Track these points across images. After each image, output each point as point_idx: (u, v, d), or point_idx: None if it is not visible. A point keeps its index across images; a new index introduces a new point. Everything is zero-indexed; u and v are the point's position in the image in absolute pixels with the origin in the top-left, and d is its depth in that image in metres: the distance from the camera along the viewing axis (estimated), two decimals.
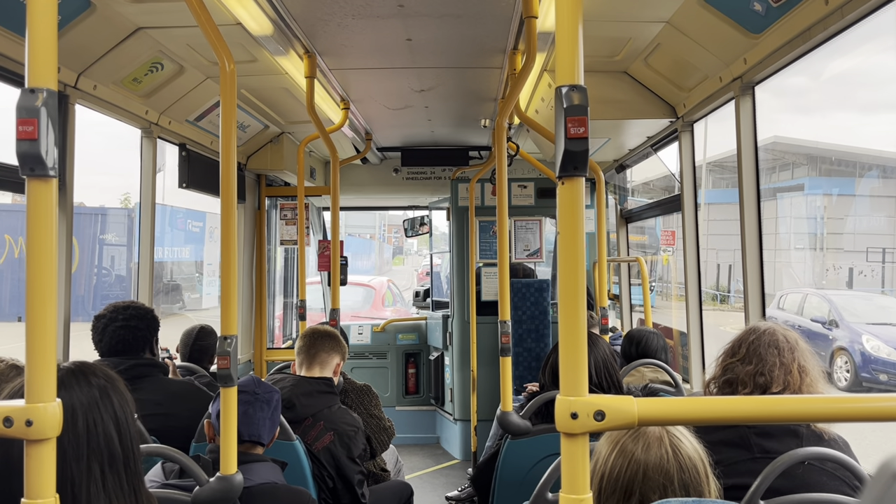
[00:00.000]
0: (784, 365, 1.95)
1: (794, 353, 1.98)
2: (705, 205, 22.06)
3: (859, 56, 12.31)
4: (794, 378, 1.94)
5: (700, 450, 1.48)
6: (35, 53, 1.14)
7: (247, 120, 4.74)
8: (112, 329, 2.81)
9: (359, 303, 12.41)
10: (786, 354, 1.97)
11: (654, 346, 3.72)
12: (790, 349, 1.98)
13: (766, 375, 1.95)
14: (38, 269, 1.14)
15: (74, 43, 2.84)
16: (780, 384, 1.94)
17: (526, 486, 2.42)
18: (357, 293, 12.40)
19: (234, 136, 2.05)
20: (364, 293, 12.53)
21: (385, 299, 12.84)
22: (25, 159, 1.13)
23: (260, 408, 2.26)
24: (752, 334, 2.03)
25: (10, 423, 1.10)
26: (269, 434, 2.30)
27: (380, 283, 13.44)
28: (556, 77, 1.10)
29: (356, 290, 12.41)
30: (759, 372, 1.96)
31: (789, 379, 1.94)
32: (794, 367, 1.95)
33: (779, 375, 1.94)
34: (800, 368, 1.96)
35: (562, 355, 1.09)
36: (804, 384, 1.95)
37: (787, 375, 1.94)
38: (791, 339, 2.01)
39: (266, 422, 2.27)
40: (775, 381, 1.94)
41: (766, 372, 1.95)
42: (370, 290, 12.68)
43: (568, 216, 1.10)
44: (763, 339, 2.00)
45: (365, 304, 12.47)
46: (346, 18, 3.05)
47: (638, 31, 3.29)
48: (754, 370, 1.96)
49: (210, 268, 19.12)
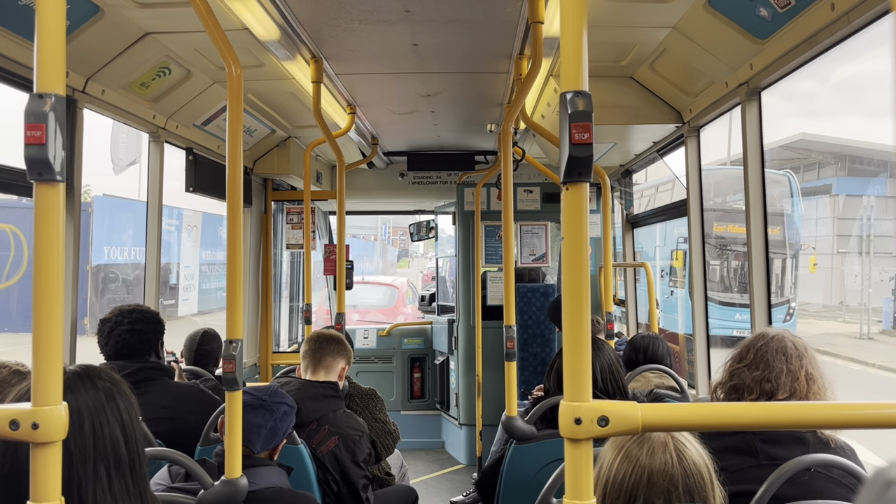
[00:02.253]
0: (791, 372, 1.94)
1: (803, 360, 1.97)
2: (836, 196, 20.53)
3: (868, 60, 12.24)
4: (801, 385, 1.93)
5: (705, 456, 1.47)
6: (43, 59, 1.14)
7: (253, 124, 4.75)
8: (118, 333, 2.82)
9: (384, 300, 14.16)
10: (793, 361, 1.96)
11: (661, 351, 3.71)
12: (798, 356, 1.97)
13: (772, 382, 1.94)
14: (45, 273, 1.15)
15: (83, 48, 2.86)
16: (786, 391, 1.93)
17: (531, 491, 2.42)
18: (383, 292, 14.39)
19: (240, 140, 2.05)
20: (389, 292, 14.43)
21: (406, 297, 14.47)
22: (33, 164, 1.13)
23: (260, 415, 2.19)
24: (760, 340, 2.02)
25: (17, 425, 1.11)
26: (263, 443, 2.21)
27: (401, 283, 15.35)
28: (561, 83, 1.10)
29: (382, 289, 14.55)
30: (766, 378, 1.95)
31: (796, 386, 1.93)
32: (802, 374, 1.94)
33: (785, 382, 1.93)
34: (807, 376, 1.95)
35: (566, 360, 1.09)
36: (811, 392, 1.94)
37: (794, 382, 1.93)
38: (799, 345, 2.00)
39: (263, 430, 2.19)
40: (782, 388, 1.93)
41: (773, 378, 1.94)
42: (394, 290, 14.55)
43: (572, 221, 1.10)
44: (771, 345, 1.99)
45: (390, 302, 14.13)
46: (352, 23, 3.06)
47: (644, 37, 3.29)
48: (761, 376, 1.95)
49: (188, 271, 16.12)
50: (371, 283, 15.12)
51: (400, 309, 13.78)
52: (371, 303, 13.83)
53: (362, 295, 13.77)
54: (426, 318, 7.20)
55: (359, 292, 13.51)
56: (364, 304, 13.75)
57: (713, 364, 3.88)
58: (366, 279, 15.89)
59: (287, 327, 6.64)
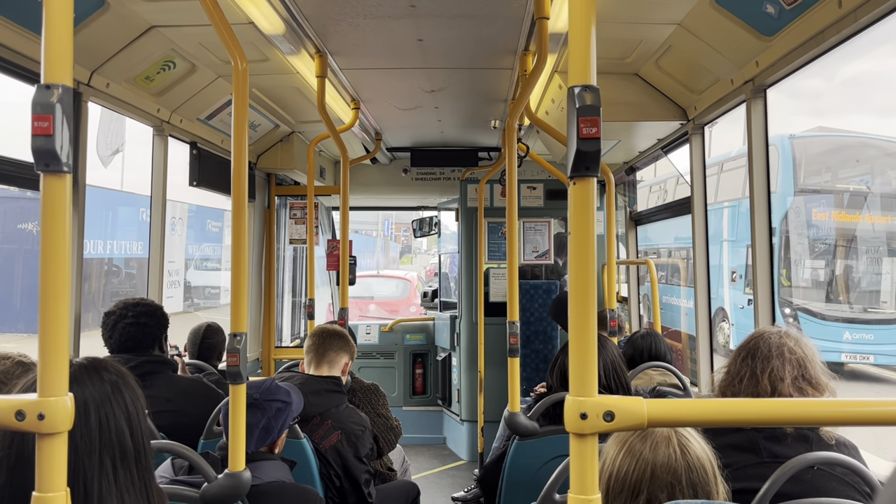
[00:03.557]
0: (791, 371, 1.94)
1: (802, 360, 1.96)
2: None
3: (874, 59, 12.04)
4: (800, 384, 1.93)
5: (708, 451, 1.48)
6: (51, 50, 1.14)
7: (257, 119, 4.75)
8: (122, 326, 2.82)
9: (397, 292, 15.65)
10: (791, 361, 1.95)
11: (662, 350, 3.70)
12: (798, 356, 1.96)
13: (767, 381, 1.93)
14: (51, 264, 1.15)
15: (88, 41, 2.86)
16: (786, 389, 1.92)
17: (533, 487, 2.42)
18: (396, 284, 16.06)
19: (245, 133, 2.05)
20: (402, 285, 15.98)
21: (417, 289, 15.55)
22: (40, 155, 1.13)
23: (251, 413, 2.13)
24: (760, 339, 2.02)
25: (23, 416, 1.11)
26: (256, 442, 2.18)
27: (413, 277, 17.16)
28: (569, 77, 1.10)
29: (396, 282, 16.23)
30: (763, 376, 1.94)
31: (800, 384, 1.93)
32: (801, 373, 1.94)
33: (785, 381, 1.93)
34: (805, 375, 1.94)
35: (572, 356, 1.09)
36: (806, 391, 1.93)
37: (795, 381, 1.93)
38: (799, 345, 1.99)
39: (255, 430, 2.16)
40: (782, 386, 1.92)
41: (768, 377, 1.94)
42: (407, 282, 16.13)
43: (579, 217, 1.10)
44: (771, 342, 1.99)
45: (403, 293, 15.50)
46: (357, 18, 3.06)
47: (649, 33, 3.28)
48: (757, 375, 1.95)
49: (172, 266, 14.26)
50: (386, 277, 17.22)
51: (412, 300, 15.09)
52: (386, 294, 15.61)
53: (377, 287, 15.70)
54: (428, 313, 7.20)
55: (374, 285, 15.65)
56: (380, 295, 15.43)
57: (715, 363, 3.88)
58: (381, 273, 18.29)
59: (289, 322, 6.65)
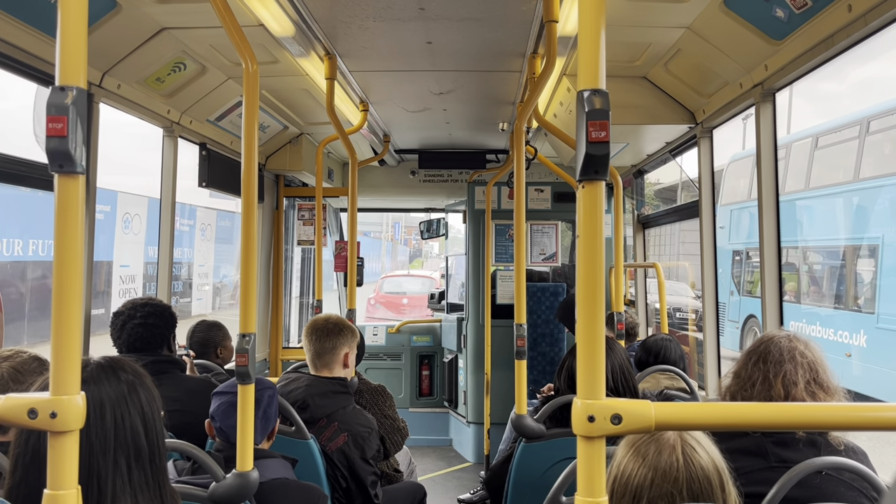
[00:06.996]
0: (800, 374, 1.93)
1: (814, 364, 1.96)
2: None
3: (884, 62, 11.85)
4: (812, 388, 1.92)
5: (718, 460, 1.45)
6: (66, 52, 1.15)
7: (266, 120, 4.77)
8: (130, 326, 2.84)
9: (425, 289, 16.78)
10: (803, 365, 1.95)
11: (674, 355, 3.69)
12: (809, 360, 1.96)
13: (780, 385, 1.93)
14: (65, 264, 1.16)
15: (100, 42, 2.88)
16: (795, 394, 1.92)
17: (539, 490, 2.42)
18: (423, 282, 18.32)
19: (255, 135, 2.06)
20: (429, 282, 17.80)
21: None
22: (55, 156, 1.14)
23: None
24: (770, 343, 2.01)
25: (35, 414, 1.12)
26: (260, 433, 2.19)
27: (437, 276, 18.67)
28: (578, 81, 1.10)
29: (423, 280, 18.72)
30: (776, 381, 1.94)
31: (810, 388, 1.92)
32: (813, 377, 1.93)
33: (798, 385, 1.92)
34: (816, 379, 1.94)
35: (580, 358, 1.09)
36: (819, 396, 1.93)
37: (808, 385, 1.92)
38: (809, 349, 1.99)
39: (256, 421, 2.12)
40: (794, 392, 1.92)
41: (781, 381, 1.93)
42: (432, 280, 17.96)
43: (588, 220, 1.10)
44: (782, 345, 1.98)
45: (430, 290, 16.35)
46: (367, 21, 3.07)
47: (658, 37, 3.28)
48: (770, 379, 1.95)
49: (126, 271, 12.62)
50: (415, 276, 20.40)
51: None
52: (416, 290, 17.97)
53: (407, 285, 18.63)
54: (435, 315, 7.20)
55: (404, 283, 18.90)
56: (410, 291, 18.05)
57: (723, 366, 3.87)
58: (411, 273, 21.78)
59: (297, 323, 6.67)
